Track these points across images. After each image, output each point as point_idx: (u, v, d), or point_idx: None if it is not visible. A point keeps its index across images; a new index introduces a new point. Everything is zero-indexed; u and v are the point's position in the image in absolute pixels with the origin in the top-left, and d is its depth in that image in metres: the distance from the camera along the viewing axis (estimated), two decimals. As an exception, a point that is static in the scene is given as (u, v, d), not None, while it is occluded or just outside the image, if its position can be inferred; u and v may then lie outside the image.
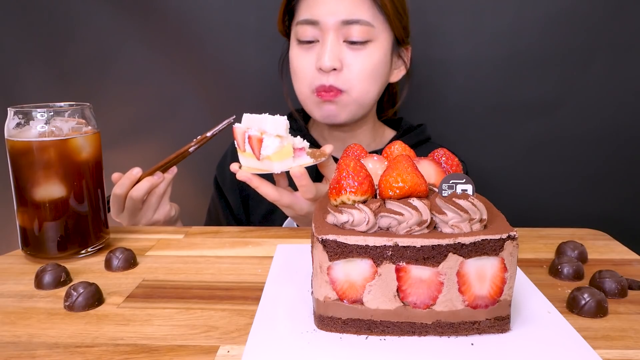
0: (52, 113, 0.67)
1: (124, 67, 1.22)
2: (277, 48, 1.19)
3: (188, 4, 1.17)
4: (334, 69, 0.90)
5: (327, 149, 0.79)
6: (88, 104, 0.71)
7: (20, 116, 0.66)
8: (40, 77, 1.22)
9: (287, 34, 1.01)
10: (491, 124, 1.20)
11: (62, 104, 0.71)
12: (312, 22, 0.91)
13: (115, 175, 0.87)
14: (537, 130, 1.19)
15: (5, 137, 0.67)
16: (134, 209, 0.87)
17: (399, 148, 0.57)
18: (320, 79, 0.91)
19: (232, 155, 1.07)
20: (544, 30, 1.13)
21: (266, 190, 0.75)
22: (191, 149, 0.87)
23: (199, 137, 0.87)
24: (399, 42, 0.96)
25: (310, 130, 1.07)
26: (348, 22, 0.88)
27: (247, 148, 0.75)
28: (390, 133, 1.08)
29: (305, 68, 0.93)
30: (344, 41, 0.90)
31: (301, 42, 0.93)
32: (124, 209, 0.87)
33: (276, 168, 0.73)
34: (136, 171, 0.86)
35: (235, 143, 0.77)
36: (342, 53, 0.90)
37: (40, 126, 0.66)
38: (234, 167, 0.76)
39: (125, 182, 0.85)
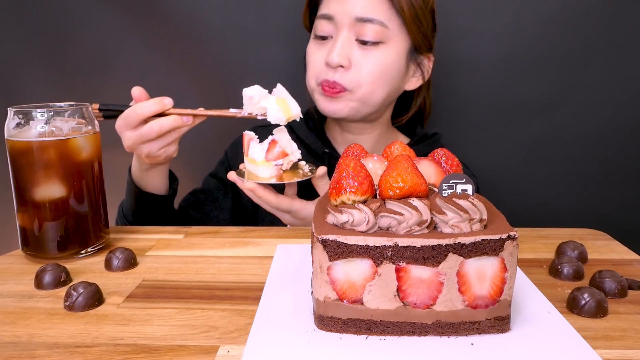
0: (52, 113, 0.67)
1: (124, 67, 1.21)
2: (277, 48, 1.19)
3: (188, 4, 1.17)
4: (342, 66, 0.90)
5: (320, 170, 0.81)
6: (88, 103, 0.71)
7: (20, 116, 0.66)
8: (40, 77, 1.22)
9: (311, 29, 1.02)
10: (491, 124, 1.20)
11: (62, 104, 0.71)
12: (328, 17, 0.91)
13: (138, 91, 0.81)
14: (537, 130, 1.19)
15: (5, 137, 0.67)
16: (147, 136, 0.79)
17: (399, 148, 0.57)
18: (327, 73, 0.92)
19: None
20: (544, 30, 1.13)
21: (268, 197, 0.80)
22: (233, 112, 0.83)
23: (246, 114, 0.82)
24: (417, 49, 0.94)
25: (325, 129, 1.07)
26: (362, 20, 0.88)
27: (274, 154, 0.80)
28: (403, 140, 1.08)
29: (316, 62, 0.94)
30: (357, 40, 0.90)
31: (317, 36, 0.95)
32: (134, 129, 0.79)
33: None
34: (168, 101, 0.80)
35: (263, 152, 0.80)
36: (352, 51, 0.90)
37: (40, 126, 0.66)
38: (232, 175, 0.81)
39: (154, 107, 0.79)
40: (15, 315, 0.53)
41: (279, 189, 0.84)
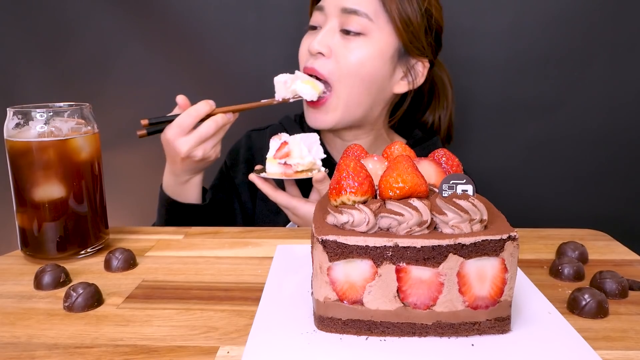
0: (51, 113, 0.66)
1: (124, 67, 1.22)
2: (276, 48, 1.19)
3: (188, 5, 1.17)
4: (322, 54, 0.91)
5: (318, 175, 0.82)
6: (88, 104, 0.71)
7: (20, 116, 0.66)
8: (40, 77, 1.22)
9: None
10: (491, 124, 1.20)
11: (61, 104, 0.71)
12: (320, 8, 0.93)
13: (182, 98, 0.88)
14: (537, 130, 1.19)
15: (5, 137, 0.67)
16: (206, 134, 0.85)
17: (399, 148, 0.57)
18: (308, 60, 0.93)
19: (246, 145, 1.08)
20: (544, 30, 1.13)
21: (266, 190, 0.85)
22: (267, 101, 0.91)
23: (280, 99, 0.93)
24: (408, 50, 0.92)
25: (321, 133, 1.07)
26: (348, 11, 0.89)
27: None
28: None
29: (303, 50, 0.96)
30: (341, 30, 0.91)
31: (310, 27, 0.97)
32: (188, 133, 0.85)
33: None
34: (212, 102, 0.87)
35: (274, 150, 0.83)
36: (334, 40, 0.91)
37: (40, 126, 0.66)
38: (252, 176, 0.85)
39: (206, 108, 0.86)
40: (14, 316, 0.53)
41: (282, 186, 0.88)
